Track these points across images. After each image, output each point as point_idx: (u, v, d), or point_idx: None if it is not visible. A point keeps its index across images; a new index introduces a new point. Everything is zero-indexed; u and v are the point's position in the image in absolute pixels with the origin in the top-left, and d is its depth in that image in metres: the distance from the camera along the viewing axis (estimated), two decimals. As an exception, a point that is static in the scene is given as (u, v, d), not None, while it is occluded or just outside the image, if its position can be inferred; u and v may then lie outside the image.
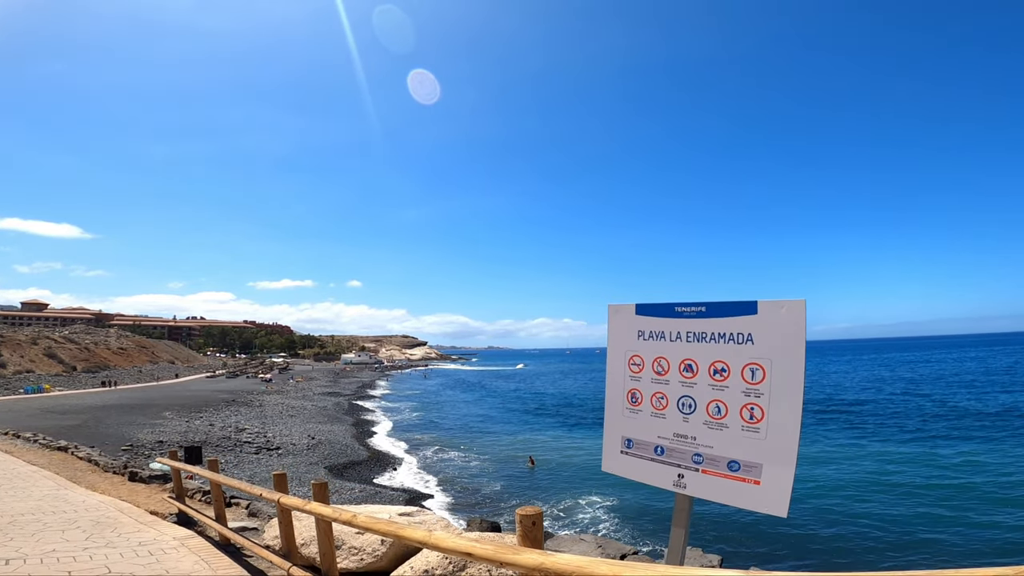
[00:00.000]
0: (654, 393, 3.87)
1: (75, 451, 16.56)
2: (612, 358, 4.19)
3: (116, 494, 10.55)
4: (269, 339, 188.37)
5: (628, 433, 4.01)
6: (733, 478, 3.43)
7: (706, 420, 3.57)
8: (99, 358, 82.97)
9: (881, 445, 35.01)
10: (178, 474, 8.55)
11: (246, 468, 29.14)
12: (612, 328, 4.21)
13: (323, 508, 3.93)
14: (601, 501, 25.23)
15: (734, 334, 3.50)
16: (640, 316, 4.03)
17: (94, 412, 43.78)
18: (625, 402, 4.05)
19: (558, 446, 39.83)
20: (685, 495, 3.72)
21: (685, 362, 3.72)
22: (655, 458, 3.83)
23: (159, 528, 7.75)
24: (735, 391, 3.45)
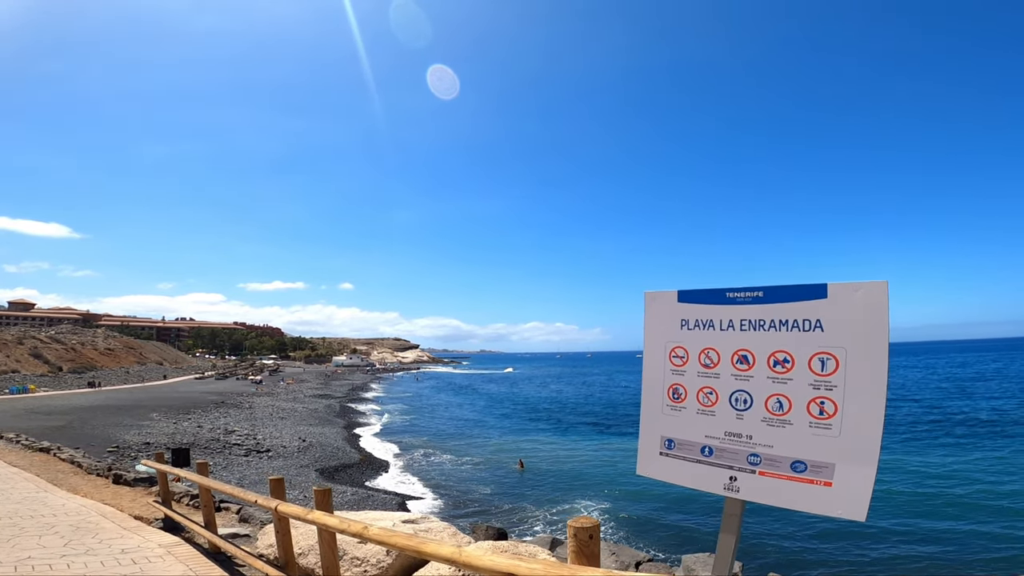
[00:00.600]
0: (701, 388, 3.45)
1: (58, 452, 15.92)
2: (650, 351, 3.77)
3: (99, 497, 9.99)
4: (259, 341, 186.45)
5: (669, 433, 3.59)
6: (798, 480, 3.01)
7: (765, 417, 3.16)
8: (86, 358, 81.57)
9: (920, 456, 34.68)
10: (164, 477, 8.03)
11: (235, 470, 28.49)
12: (649, 317, 3.79)
13: (328, 518, 3.47)
14: (595, 504, 24.85)
15: (799, 321, 3.09)
16: (684, 304, 3.61)
17: (80, 413, 42.84)
18: (665, 398, 3.62)
19: (548, 449, 39.46)
20: (737, 499, 3.30)
21: (739, 353, 3.30)
22: (702, 459, 3.41)
23: (143, 534, 7.23)
24: (801, 384, 3.04)
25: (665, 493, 27.20)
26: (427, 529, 5.55)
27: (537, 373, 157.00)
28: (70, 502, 9.42)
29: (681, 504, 24.86)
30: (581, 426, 50.32)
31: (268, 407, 56.15)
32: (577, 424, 51.58)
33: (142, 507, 9.04)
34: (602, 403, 70.32)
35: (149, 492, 10.44)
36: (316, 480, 27.87)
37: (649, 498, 26.10)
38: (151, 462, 8.45)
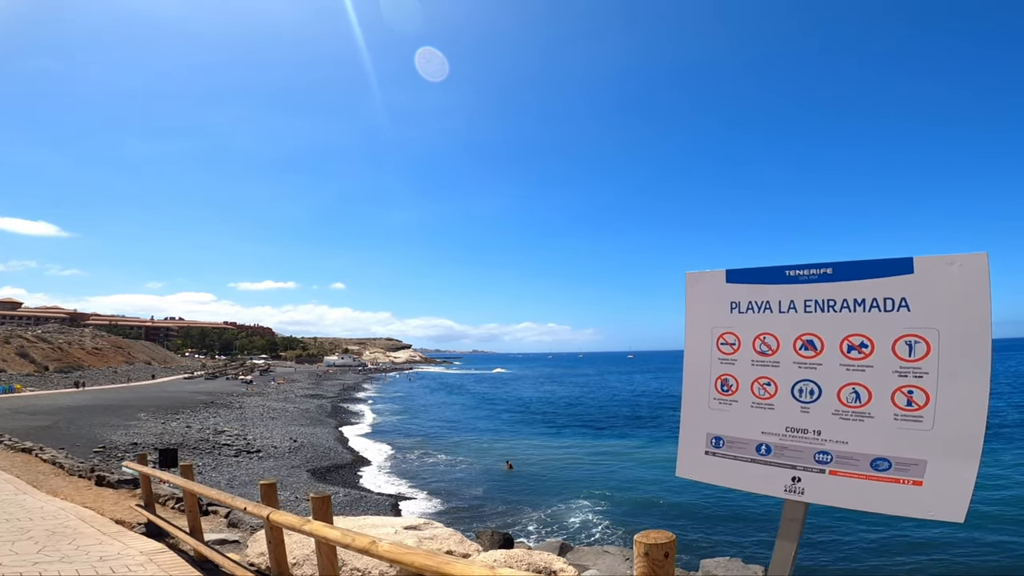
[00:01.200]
0: (756, 379, 3.03)
1: (39, 453, 15.29)
2: (693, 338, 3.34)
3: (79, 500, 9.45)
4: (250, 340, 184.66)
5: (717, 429, 3.16)
6: (880, 479, 2.59)
7: (837, 409, 2.74)
8: (73, 358, 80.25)
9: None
10: (147, 480, 7.50)
11: (225, 471, 27.87)
12: (692, 301, 3.36)
13: (329, 531, 3.00)
14: (591, 504, 24.45)
15: (879, 300, 2.68)
16: (734, 284, 3.19)
17: (66, 413, 41.95)
18: (713, 391, 3.20)
19: (540, 450, 39.06)
20: (800, 502, 2.88)
21: (803, 338, 2.88)
22: (758, 459, 2.99)
23: (124, 540, 6.70)
24: (883, 371, 2.63)
25: (664, 494, 26.85)
26: (432, 536, 5.10)
27: (529, 374, 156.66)
28: (49, 505, 8.88)
29: (682, 505, 24.51)
30: (573, 427, 49.94)
31: (259, 407, 55.36)
32: (569, 425, 51.20)
33: (125, 511, 8.51)
34: (594, 404, 70.01)
35: (133, 495, 9.90)
36: (308, 481, 27.29)
37: (647, 499, 25.73)
38: (133, 464, 7.92)
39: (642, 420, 52.34)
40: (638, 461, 33.94)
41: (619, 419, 53.33)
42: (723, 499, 24.73)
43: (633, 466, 32.50)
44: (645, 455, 35.95)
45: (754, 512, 23.01)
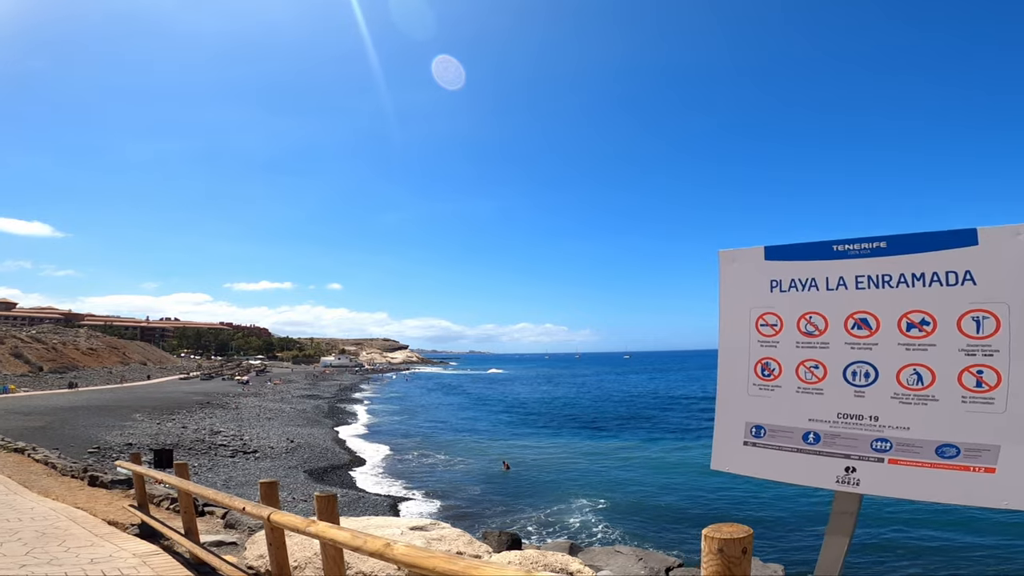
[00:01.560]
0: (802, 362, 2.79)
1: (32, 453, 14.97)
2: (728, 320, 3.09)
3: (71, 500, 9.14)
4: (246, 341, 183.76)
5: (757, 418, 2.92)
6: (947, 467, 2.35)
7: (897, 392, 2.49)
8: (67, 358, 79.61)
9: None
10: (141, 480, 7.19)
11: (221, 472, 27.55)
12: (727, 281, 3.12)
13: (338, 532, 2.71)
14: (589, 504, 24.27)
15: (940, 274, 2.44)
16: (774, 262, 2.94)
17: (60, 413, 41.52)
18: (752, 376, 2.95)
19: (538, 449, 38.92)
20: (854, 494, 2.63)
21: (855, 316, 2.64)
22: (805, 448, 2.74)
23: (117, 542, 6.42)
24: (948, 350, 2.39)
25: (661, 493, 26.68)
26: (440, 537, 4.85)
27: (525, 374, 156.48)
28: (40, 505, 8.57)
29: (684, 501, 24.38)
30: (569, 427, 49.77)
31: (255, 407, 54.97)
32: (565, 425, 51.04)
33: (118, 511, 8.22)
34: (590, 404, 69.86)
35: (127, 495, 9.61)
36: (305, 481, 27.00)
37: (644, 499, 25.55)
38: (127, 463, 7.62)
39: (638, 420, 52.19)
40: (635, 461, 33.77)
41: (615, 419, 53.16)
42: (722, 497, 24.56)
43: (630, 466, 32.32)
44: (641, 455, 35.79)
45: (758, 510, 22.82)
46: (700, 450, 35.87)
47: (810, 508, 22.55)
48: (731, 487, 26.21)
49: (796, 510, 22.36)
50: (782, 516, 21.69)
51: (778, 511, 22.70)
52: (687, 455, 35.05)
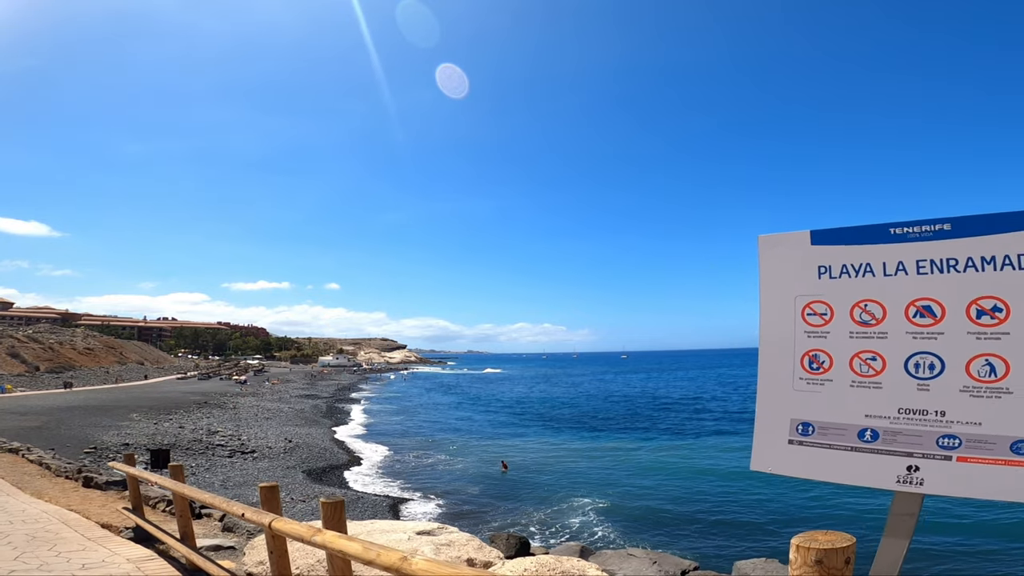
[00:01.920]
0: (857, 353, 2.54)
1: (26, 453, 14.66)
2: (771, 310, 2.85)
3: (64, 502, 8.86)
4: (244, 341, 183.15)
5: (804, 414, 2.67)
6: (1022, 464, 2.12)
7: (967, 385, 2.25)
8: (64, 358, 79.11)
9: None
10: (135, 481, 6.91)
11: (219, 472, 27.26)
12: (768, 267, 2.87)
13: (348, 543, 2.41)
14: (590, 504, 24.08)
15: (1012, 257, 2.20)
16: (822, 247, 2.70)
17: (57, 413, 41.13)
18: (799, 369, 2.70)
19: (537, 449, 38.76)
20: (915, 494, 2.39)
21: (917, 304, 2.40)
22: (861, 446, 2.49)
23: (110, 546, 6.15)
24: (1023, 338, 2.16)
25: (659, 493, 26.45)
26: (449, 542, 4.61)
27: (523, 374, 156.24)
28: (31, 507, 8.29)
29: (685, 501, 24.18)
30: (568, 427, 49.58)
31: (253, 407, 54.62)
32: (565, 425, 50.84)
33: (112, 514, 7.95)
34: (588, 404, 69.65)
35: (122, 497, 9.33)
36: (303, 481, 26.71)
37: (648, 497, 25.36)
38: (120, 464, 7.33)
39: (636, 420, 51.99)
40: (634, 460, 33.57)
41: (614, 419, 52.95)
42: (725, 497, 24.33)
43: (629, 465, 32.14)
44: (641, 454, 35.60)
45: (759, 511, 22.64)
46: (699, 450, 35.70)
47: (813, 506, 22.37)
48: (731, 486, 25.99)
49: (803, 508, 22.18)
50: (789, 514, 21.49)
51: (783, 508, 22.52)
52: (686, 455, 34.86)
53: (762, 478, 26.95)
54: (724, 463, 31.47)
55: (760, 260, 2.89)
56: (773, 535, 19.12)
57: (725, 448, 36.06)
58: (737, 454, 33.70)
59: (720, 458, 33.18)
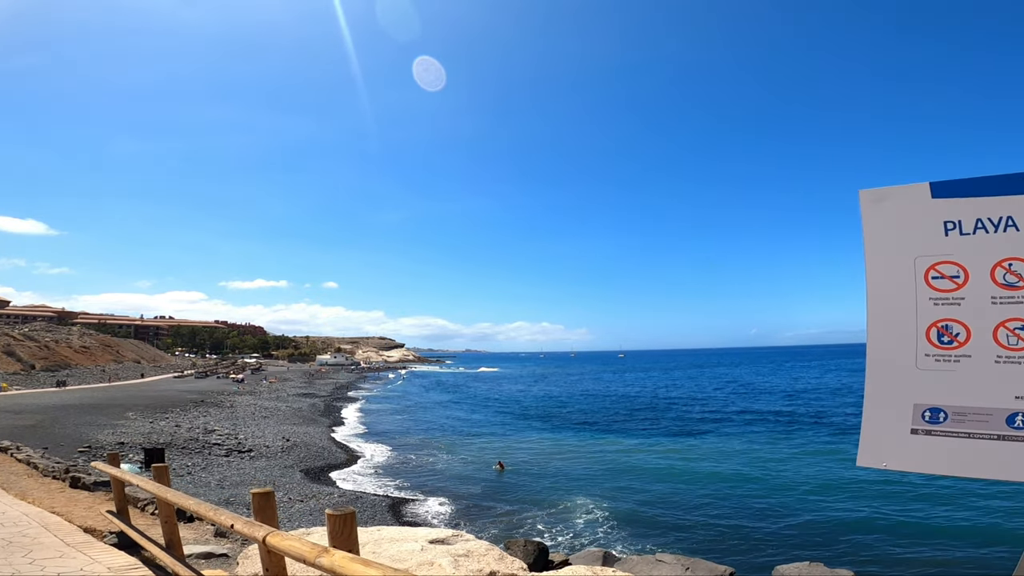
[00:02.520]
0: (1003, 322, 2.02)
1: (15, 452, 14.08)
2: (881, 275, 2.31)
3: (48, 504, 8.30)
4: (241, 339, 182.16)
5: (933, 398, 2.15)
6: None
7: None
8: (60, 356, 78.25)
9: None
10: (119, 484, 6.35)
11: (215, 472, 26.66)
12: (875, 225, 2.33)
13: (364, 570, 1.81)
14: (593, 505, 23.59)
15: None
16: (947, 200, 2.18)
17: (52, 412, 40.43)
18: (925, 344, 2.18)
19: (538, 448, 38.35)
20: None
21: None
22: (1011, 434, 1.98)
23: (91, 552, 5.59)
24: None
25: (668, 490, 25.94)
26: (467, 553, 4.09)
27: (522, 373, 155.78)
28: (12, 509, 7.73)
29: (692, 503, 23.65)
30: (568, 425, 49.12)
31: (250, 406, 53.97)
32: (564, 423, 50.38)
33: (97, 517, 7.39)
34: (587, 402, 69.24)
35: (110, 498, 8.77)
36: (301, 481, 26.14)
37: (652, 494, 24.96)
38: (103, 465, 6.75)
39: (636, 419, 51.51)
40: (634, 460, 33.07)
41: (613, 417, 52.46)
42: (734, 499, 23.75)
43: (630, 465, 31.65)
44: (641, 454, 35.06)
45: (778, 506, 22.09)
46: (702, 451, 35.10)
47: (836, 508, 21.80)
48: (738, 488, 25.46)
49: (822, 510, 21.65)
50: (812, 518, 20.93)
51: (792, 503, 22.02)
52: (688, 455, 34.37)
53: (764, 482, 26.46)
54: (730, 464, 31.07)
55: (864, 219, 2.36)
56: (795, 541, 18.59)
57: (728, 450, 35.61)
58: (742, 457, 33.29)
59: (725, 459, 32.76)
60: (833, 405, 55.04)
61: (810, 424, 43.93)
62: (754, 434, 41.10)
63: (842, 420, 44.67)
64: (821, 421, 44.77)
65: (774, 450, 34.93)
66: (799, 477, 27.49)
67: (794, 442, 37.30)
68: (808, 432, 40.37)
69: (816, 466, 29.54)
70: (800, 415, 49.54)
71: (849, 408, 52.35)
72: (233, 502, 22.04)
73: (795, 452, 33.28)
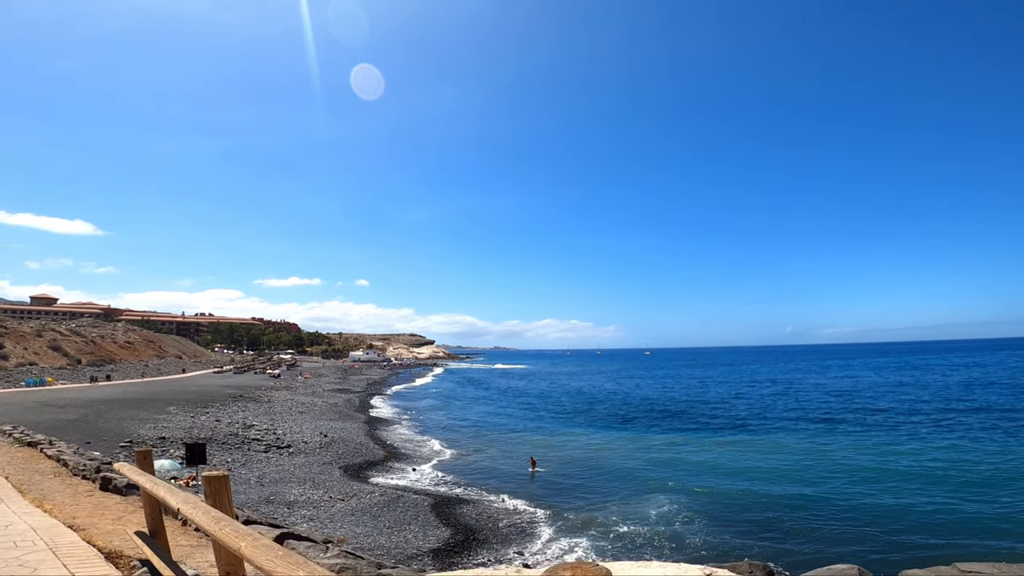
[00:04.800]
0: None
1: (45, 448, 12.92)
2: None
3: (69, 513, 6.90)
4: (277, 336, 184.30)
5: None
6: None
7: None
8: (105, 351, 79.24)
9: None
10: (152, 500, 4.68)
11: (255, 468, 25.64)
12: None
13: None
14: (667, 500, 22.26)
15: None
16: None
17: (95, 406, 40.26)
18: None
19: (577, 444, 36.99)
20: None
21: None
22: None
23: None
24: None
25: (733, 482, 24.11)
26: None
27: (551, 370, 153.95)
28: (21, 521, 6.31)
29: (765, 497, 22.24)
30: (613, 421, 47.48)
31: (287, 401, 53.45)
32: (608, 420, 48.67)
33: (124, 537, 5.91)
34: (625, 398, 67.05)
35: (142, 505, 7.34)
36: (340, 478, 24.94)
37: (723, 493, 23.58)
38: (126, 468, 5.19)
39: (679, 415, 49.30)
40: (690, 458, 31.14)
41: (656, 413, 50.33)
42: (808, 496, 21.61)
43: (690, 463, 30.00)
44: (702, 448, 33.18)
45: (864, 508, 20.03)
46: (757, 443, 32.75)
47: (929, 509, 19.62)
48: (820, 489, 23.33)
49: (909, 512, 19.53)
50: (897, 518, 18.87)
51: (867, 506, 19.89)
52: (753, 453, 32.15)
53: (848, 479, 24.30)
54: (796, 462, 29.08)
55: None
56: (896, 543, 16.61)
57: (783, 446, 33.37)
58: (800, 456, 31.05)
59: (790, 456, 30.67)
60: (862, 402, 51.87)
61: (879, 422, 41.25)
62: (823, 432, 38.53)
63: (856, 418, 41.85)
64: (874, 418, 42.00)
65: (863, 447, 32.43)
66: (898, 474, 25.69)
67: (879, 439, 34.75)
68: (878, 430, 37.81)
69: (897, 462, 27.44)
70: (880, 412, 46.63)
71: (882, 405, 49.21)
72: (273, 500, 20.83)
73: (867, 447, 30.90)
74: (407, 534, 17.88)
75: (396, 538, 17.41)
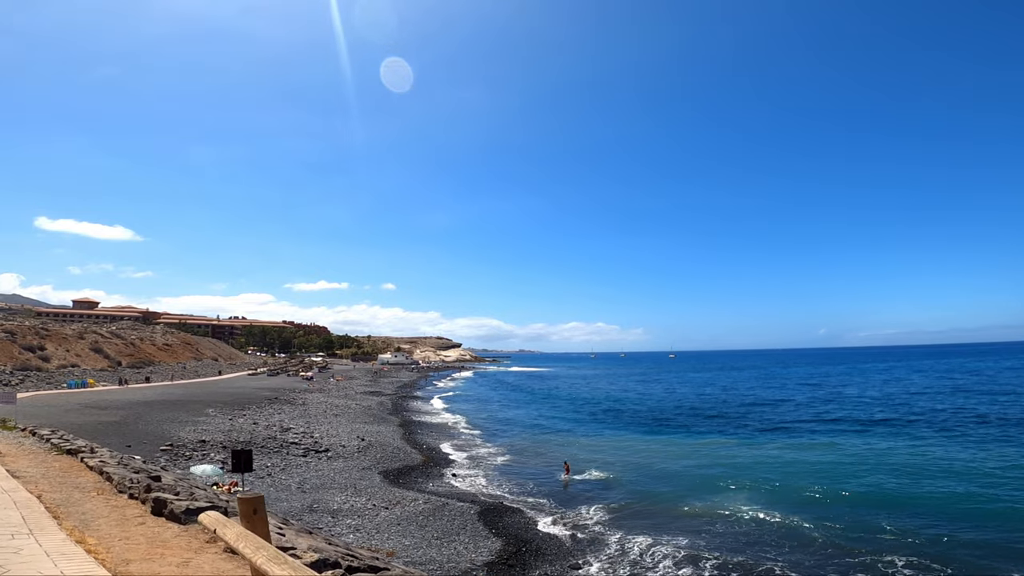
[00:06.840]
0: None
1: (86, 456, 11.74)
2: None
3: (119, 551, 5.53)
4: (307, 339, 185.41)
5: None
6: None
7: None
8: (144, 353, 79.76)
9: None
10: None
11: (295, 473, 24.54)
12: None
13: None
14: (746, 507, 20.91)
15: None
16: None
17: (135, 408, 39.83)
18: None
19: (633, 447, 35.33)
20: None
21: None
22: None
23: None
24: None
25: (818, 482, 22.35)
26: None
27: (578, 372, 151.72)
28: (59, 566, 4.97)
29: (863, 500, 20.57)
30: (653, 424, 45.55)
31: (321, 404, 52.64)
32: (646, 423, 46.73)
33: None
34: (657, 401, 64.82)
35: (213, 539, 5.95)
36: (381, 484, 23.67)
37: (803, 497, 22.01)
38: (215, 519, 3.68)
39: (727, 417, 47.05)
40: (738, 461, 29.23)
41: (690, 415, 48.19)
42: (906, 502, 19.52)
43: (753, 460, 28.92)
44: (754, 449, 31.23)
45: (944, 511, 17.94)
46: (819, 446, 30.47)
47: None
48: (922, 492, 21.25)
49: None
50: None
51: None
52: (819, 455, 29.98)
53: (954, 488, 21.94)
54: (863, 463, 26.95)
55: None
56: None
57: (836, 446, 31.11)
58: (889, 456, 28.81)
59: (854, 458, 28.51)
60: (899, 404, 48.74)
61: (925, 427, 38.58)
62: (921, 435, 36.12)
63: (868, 417, 39.02)
64: (919, 422, 39.23)
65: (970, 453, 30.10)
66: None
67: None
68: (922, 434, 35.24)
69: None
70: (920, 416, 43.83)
71: (898, 407, 46.13)
72: (316, 508, 19.57)
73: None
74: (457, 546, 16.59)
75: (447, 550, 16.13)
